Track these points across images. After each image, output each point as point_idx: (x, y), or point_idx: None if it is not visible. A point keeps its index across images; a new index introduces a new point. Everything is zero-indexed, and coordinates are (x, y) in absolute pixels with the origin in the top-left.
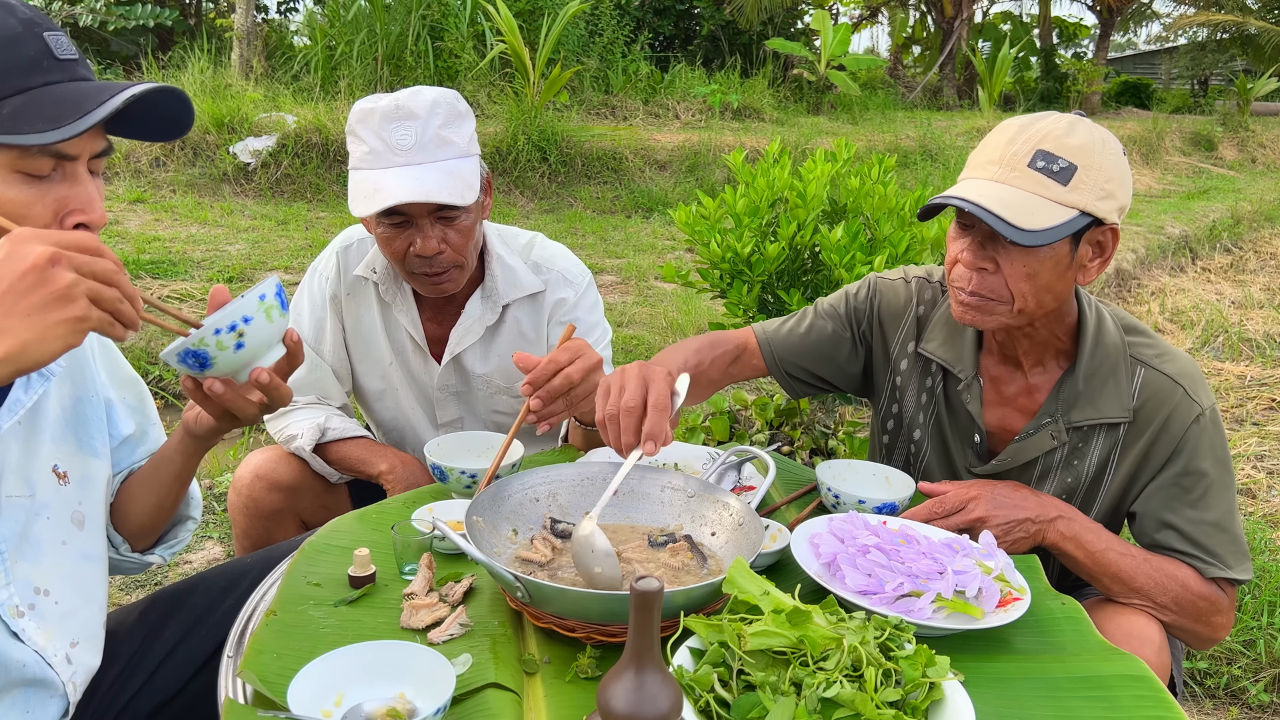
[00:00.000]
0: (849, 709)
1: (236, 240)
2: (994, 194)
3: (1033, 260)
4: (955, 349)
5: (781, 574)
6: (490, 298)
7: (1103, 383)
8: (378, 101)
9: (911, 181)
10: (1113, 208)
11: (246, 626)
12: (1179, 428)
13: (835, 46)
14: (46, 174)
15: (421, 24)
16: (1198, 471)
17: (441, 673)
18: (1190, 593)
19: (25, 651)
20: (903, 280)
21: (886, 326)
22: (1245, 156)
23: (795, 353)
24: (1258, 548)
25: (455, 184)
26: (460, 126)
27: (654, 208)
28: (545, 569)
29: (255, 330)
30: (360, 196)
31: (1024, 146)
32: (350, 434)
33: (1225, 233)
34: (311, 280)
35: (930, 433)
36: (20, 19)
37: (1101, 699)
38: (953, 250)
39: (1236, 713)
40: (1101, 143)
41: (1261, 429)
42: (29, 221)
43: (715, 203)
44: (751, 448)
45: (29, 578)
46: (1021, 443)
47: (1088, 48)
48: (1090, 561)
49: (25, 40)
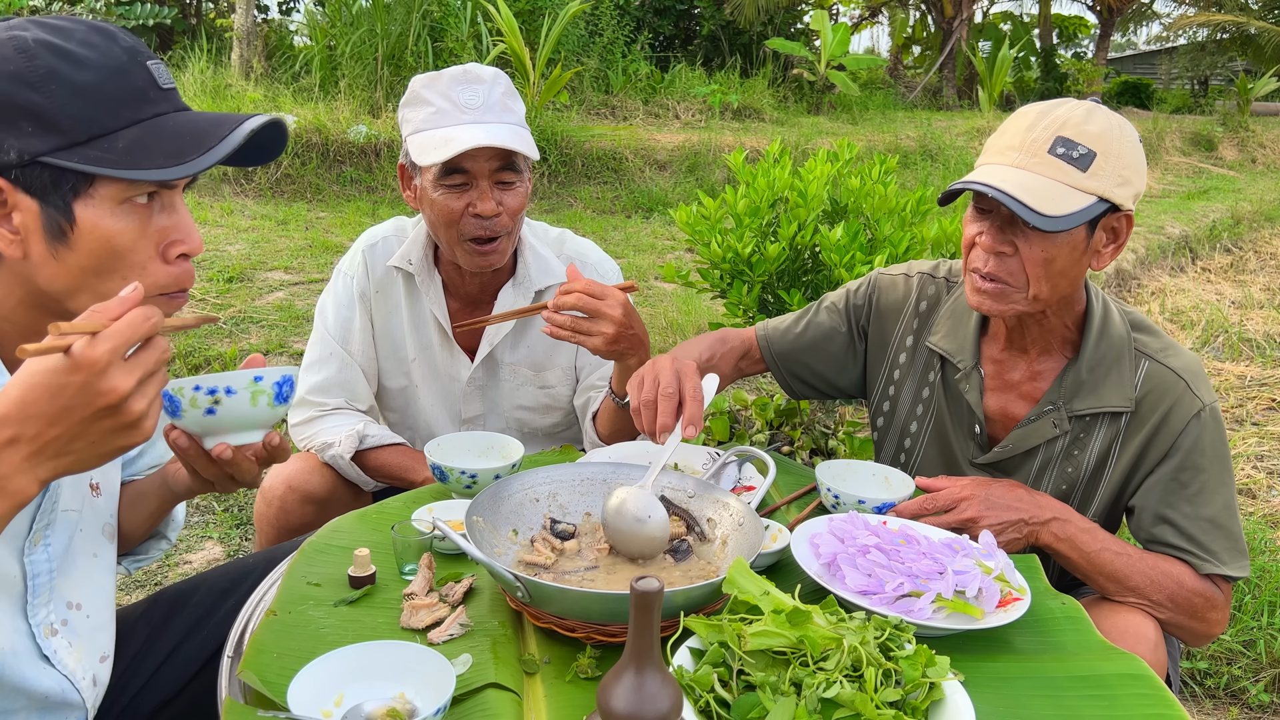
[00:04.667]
0: (849, 709)
1: (236, 240)
2: (1015, 179)
3: (1051, 245)
4: (958, 339)
5: (781, 574)
6: (522, 285)
7: (1106, 373)
8: (440, 71)
9: (912, 181)
10: (1129, 194)
11: (246, 627)
12: (1179, 422)
13: (835, 46)
14: (146, 202)
15: (421, 24)
16: (1195, 467)
17: (441, 673)
18: (1185, 590)
19: (53, 678)
20: (904, 275)
21: (886, 320)
22: (1245, 156)
23: (793, 349)
24: (1257, 548)
25: (522, 141)
26: (517, 100)
27: (654, 208)
28: (550, 570)
29: (232, 405)
30: (430, 148)
31: (1043, 133)
32: (388, 440)
33: (1225, 233)
34: (337, 281)
35: (929, 426)
36: (124, 48)
37: (1102, 698)
38: (969, 233)
39: (1236, 713)
40: (1119, 129)
41: (1261, 429)
42: (135, 254)
43: (715, 203)
44: (751, 448)
45: (64, 593)
46: (1023, 429)
47: (1088, 48)
48: (1085, 562)
49: (132, 70)
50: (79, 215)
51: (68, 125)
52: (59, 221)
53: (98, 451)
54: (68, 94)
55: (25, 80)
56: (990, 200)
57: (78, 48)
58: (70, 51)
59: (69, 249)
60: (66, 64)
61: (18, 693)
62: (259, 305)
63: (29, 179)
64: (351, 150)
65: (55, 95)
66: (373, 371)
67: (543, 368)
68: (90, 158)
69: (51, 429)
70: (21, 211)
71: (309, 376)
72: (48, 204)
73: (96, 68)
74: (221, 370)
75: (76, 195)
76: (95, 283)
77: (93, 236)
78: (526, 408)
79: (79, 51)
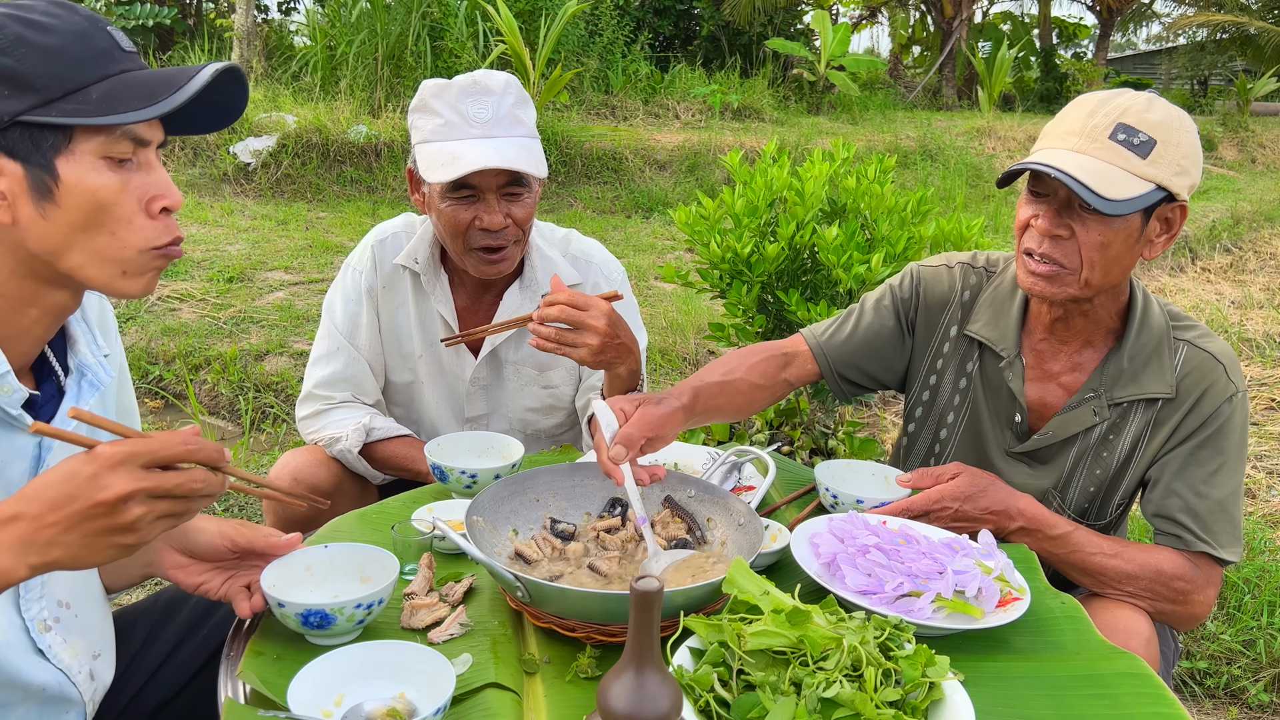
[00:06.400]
0: (849, 709)
1: (237, 240)
2: (1076, 163)
3: (1108, 230)
4: (999, 328)
5: (781, 574)
6: (529, 288)
7: (1146, 361)
8: (451, 80)
9: (911, 182)
10: (1186, 184)
11: (247, 627)
12: (1212, 404)
13: (835, 47)
14: (129, 158)
15: (421, 24)
16: (1217, 449)
17: (441, 673)
18: (1164, 578)
19: (49, 672)
20: (945, 266)
21: (933, 312)
22: (1245, 156)
23: (849, 353)
24: (1257, 548)
25: (530, 157)
26: (527, 108)
27: (654, 208)
28: (534, 566)
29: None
30: (438, 164)
31: (1105, 119)
32: (395, 433)
33: (1225, 233)
34: (345, 276)
35: (965, 417)
36: (84, 16)
37: (1102, 697)
38: (1023, 215)
39: (1236, 713)
40: (1179, 120)
41: (1261, 429)
42: (120, 208)
43: (715, 203)
44: (751, 448)
45: (54, 591)
46: (1064, 416)
47: (1087, 48)
48: (1057, 564)
49: (94, 34)
50: (62, 172)
51: (41, 84)
52: (44, 179)
53: (88, 550)
54: (37, 56)
55: None
56: (1047, 183)
57: (41, 17)
58: (34, 20)
59: (56, 206)
60: (31, 30)
61: (13, 685)
62: (259, 305)
63: (10, 142)
64: (352, 150)
65: (25, 58)
66: (379, 366)
67: (546, 367)
68: (67, 110)
69: (51, 514)
70: (6, 176)
71: (316, 370)
72: (31, 164)
73: (61, 32)
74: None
75: (57, 152)
76: (84, 239)
77: (78, 191)
78: (531, 409)
79: (42, 20)
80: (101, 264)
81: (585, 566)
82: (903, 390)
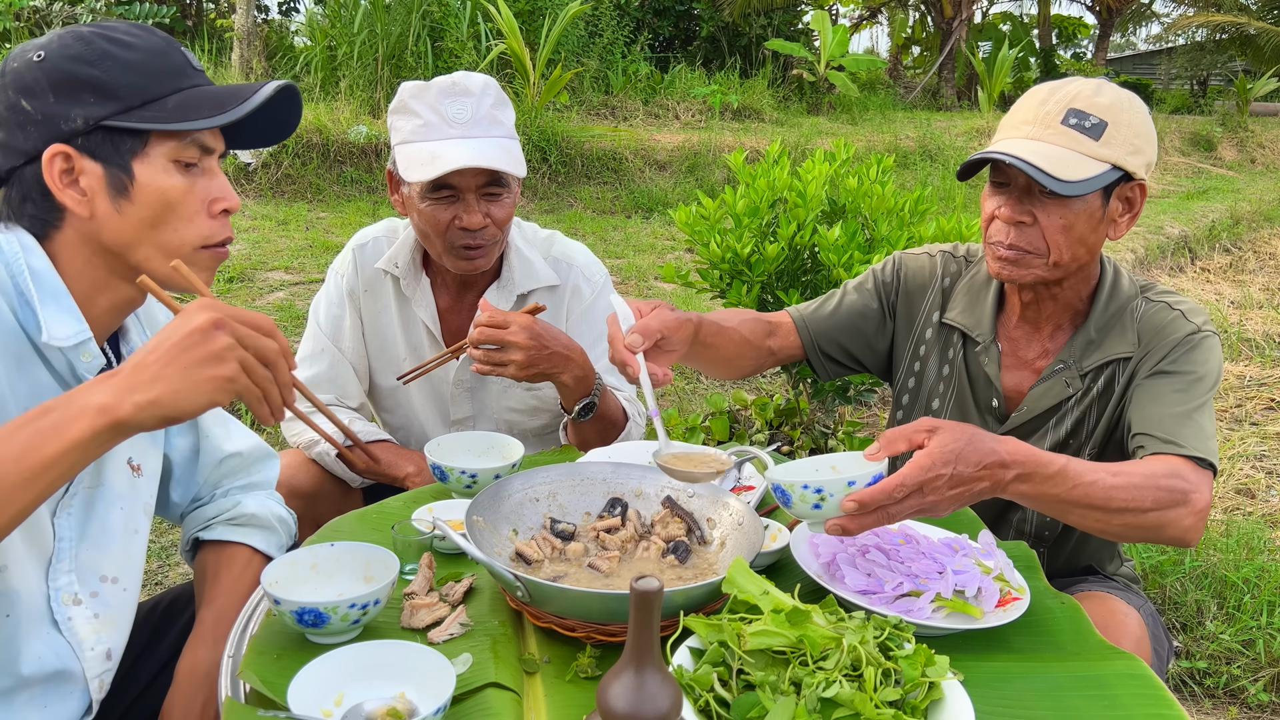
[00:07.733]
0: (848, 709)
1: (237, 240)
2: (1032, 149)
3: (1068, 212)
4: (975, 314)
5: (781, 574)
6: (506, 287)
7: (1110, 328)
8: (430, 81)
9: (911, 182)
10: (1141, 163)
11: (246, 627)
12: (1171, 340)
13: (835, 47)
14: (195, 163)
15: (422, 24)
16: (1179, 375)
17: (441, 672)
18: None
19: (55, 643)
20: (926, 255)
21: (913, 298)
22: (1244, 157)
23: (830, 328)
24: (1257, 548)
25: (509, 157)
26: (506, 109)
27: (654, 208)
28: (534, 565)
29: None
30: (417, 164)
31: (1056, 106)
32: (374, 437)
33: (1224, 233)
34: (329, 280)
35: (950, 402)
36: (161, 37)
37: (1102, 697)
38: (988, 208)
39: (1236, 712)
40: (1129, 101)
41: (1261, 429)
42: (185, 208)
43: (715, 203)
44: (751, 448)
45: (96, 565)
46: (1038, 389)
47: (1087, 48)
48: (1059, 508)
49: (170, 52)
50: (137, 172)
51: (124, 93)
52: (121, 178)
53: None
54: (121, 69)
55: (86, 60)
56: (1007, 173)
57: (124, 35)
58: (118, 38)
59: (130, 202)
60: (117, 47)
61: (8, 646)
62: (259, 305)
63: (93, 145)
64: (352, 150)
65: (111, 70)
66: (364, 369)
67: None
68: (145, 117)
69: (150, 355)
70: (87, 175)
71: (299, 372)
72: (110, 165)
73: (142, 49)
74: None
75: (134, 155)
76: (152, 234)
77: (150, 190)
78: (515, 409)
79: (126, 38)
80: (165, 257)
81: (585, 566)
82: (887, 377)
